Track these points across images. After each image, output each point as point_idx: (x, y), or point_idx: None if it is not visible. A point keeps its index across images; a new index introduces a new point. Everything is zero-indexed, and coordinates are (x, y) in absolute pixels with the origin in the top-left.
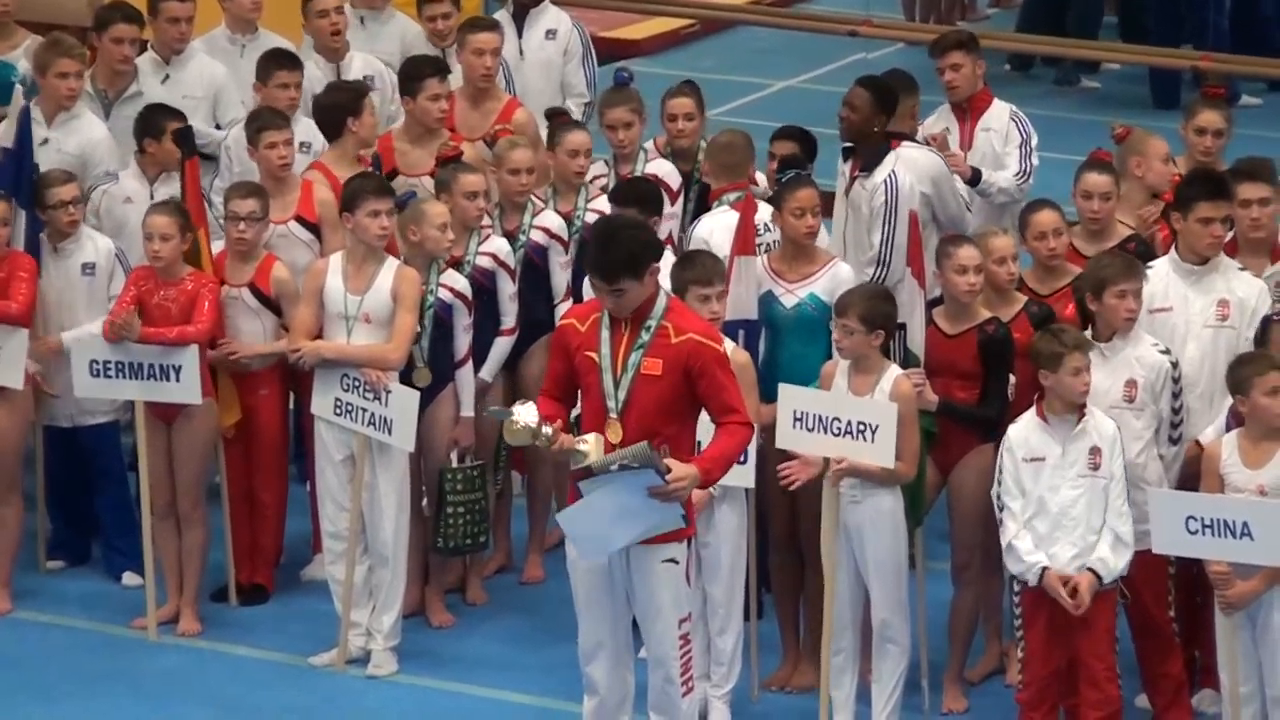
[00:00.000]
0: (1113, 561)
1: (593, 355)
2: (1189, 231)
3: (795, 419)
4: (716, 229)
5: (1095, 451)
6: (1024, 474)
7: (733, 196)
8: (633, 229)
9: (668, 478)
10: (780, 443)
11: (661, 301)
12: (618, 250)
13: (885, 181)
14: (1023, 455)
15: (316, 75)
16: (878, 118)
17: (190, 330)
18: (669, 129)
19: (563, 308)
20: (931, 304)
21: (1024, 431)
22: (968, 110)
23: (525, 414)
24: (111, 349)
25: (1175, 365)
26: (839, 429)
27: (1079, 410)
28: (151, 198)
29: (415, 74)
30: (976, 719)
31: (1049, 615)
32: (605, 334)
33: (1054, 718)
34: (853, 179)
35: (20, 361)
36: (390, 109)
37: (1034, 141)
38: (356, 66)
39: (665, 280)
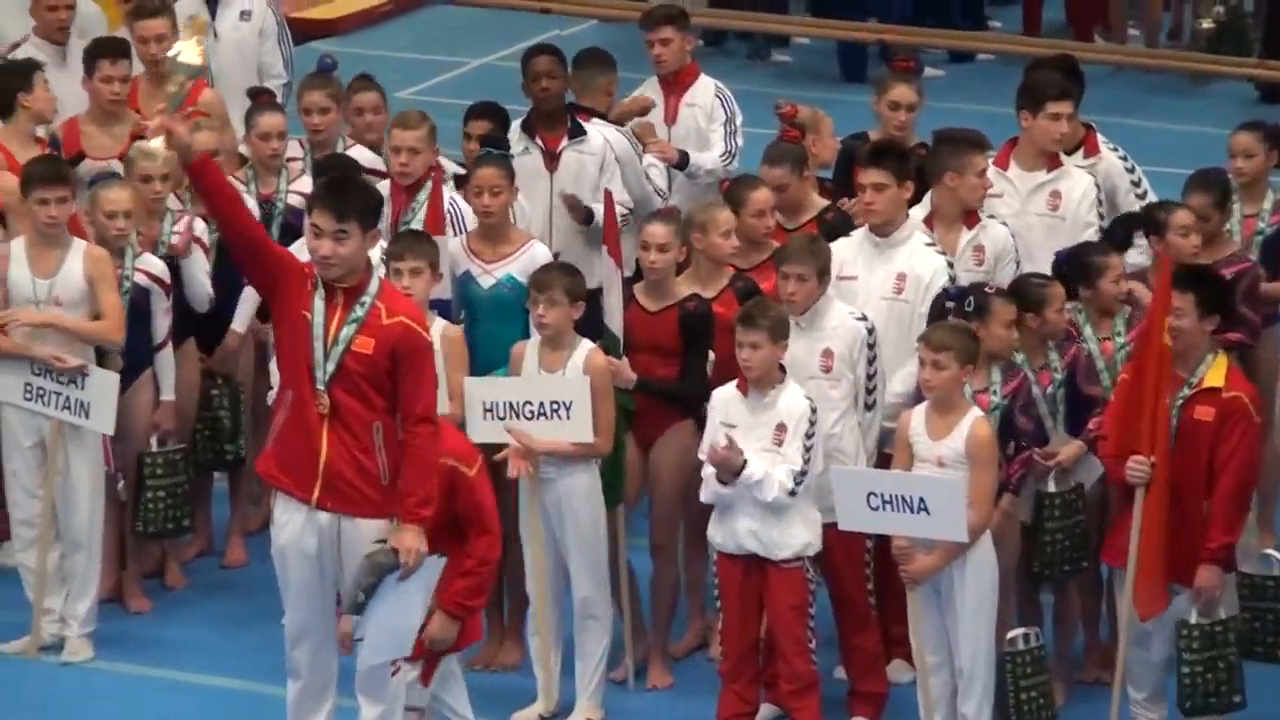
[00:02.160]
0: (761, 478)
1: (307, 314)
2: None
3: (485, 409)
4: None
5: (781, 428)
6: (719, 437)
7: None
8: (372, 187)
9: (400, 560)
10: (474, 437)
11: (375, 282)
12: (354, 191)
13: (609, 139)
14: (720, 418)
15: (42, 59)
16: (569, 83)
17: None
18: (357, 123)
19: (251, 289)
20: (630, 280)
21: (725, 395)
22: (674, 84)
23: (192, 51)
24: None
25: (871, 331)
26: (532, 412)
27: (772, 384)
28: None
29: (89, 55)
30: (681, 693)
31: (740, 588)
32: (319, 303)
33: (754, 689)
34: (558, 150)
35: None
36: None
37: (739, 120)
38: (74, 52)
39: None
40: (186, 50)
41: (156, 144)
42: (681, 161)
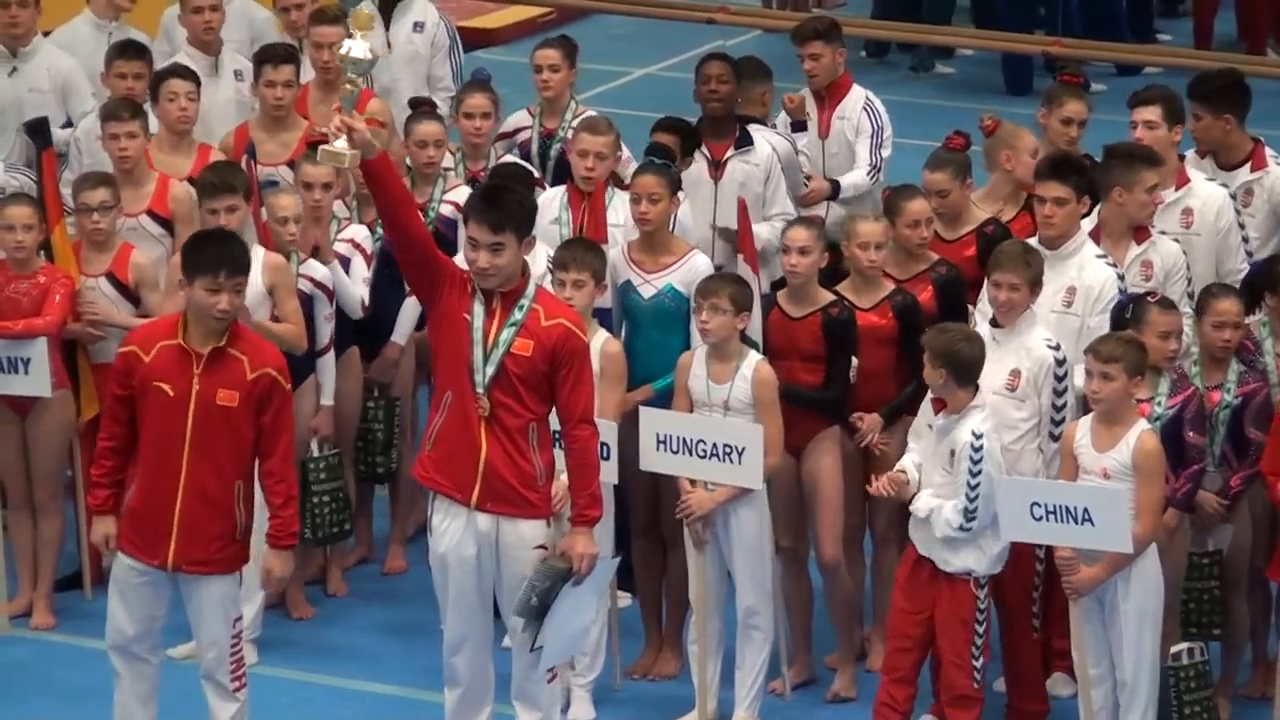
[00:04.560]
0: (928, 514)
1: (468, 317)
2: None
3: (659, 441)
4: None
5: (952, 455)
6: (924, 434)
7: None
8: (523, 191)
9: (573, 564)
10: (644, 465)
11: (531, 287)
12: (509, 202)
13: (774, 147)
14: (924, 419)
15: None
16: (737, 91)
17: (38, 323)
18: (465, 126)
19: (411, 301)
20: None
21: (925, 407)
22: (827, 97)
23: (363, 47)
24: None
25: (1061, 362)
26: (704, 451)
27: (957, 409)
28: None
29: (255, 61)
30: (838, 702)
31: (909, 579)
32: (479, 307)
33: (903, 690)
34: (724, 159)
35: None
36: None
37: (886, 133)
38: (228, 62)
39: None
40: (356, 46)
41: (341, 145)
42: (834, 192)
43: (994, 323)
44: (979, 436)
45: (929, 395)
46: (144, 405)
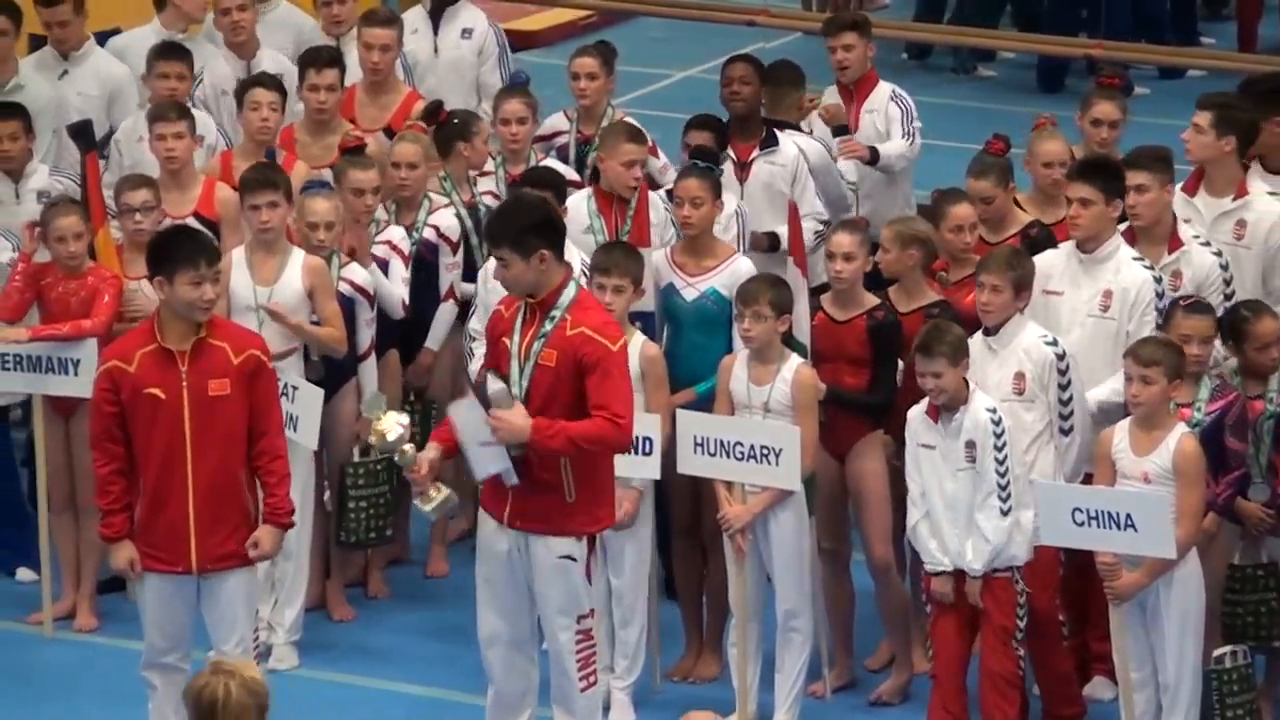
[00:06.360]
0: (970, 559)
1: (506, 341)
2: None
3: (696, 444)
4: None
5: (971, 445)
6: (922, 458)
7: None
8: (533, 205)
9: (493, 414)
10: (681, 468)
11: (569, 292)
12: (509, 219)
13: (803, 150)
14: (918, 441)
15: (227, 72)
16: (761, 91)
17: (86, 324)
18: (504, 133)
19: (445, 307)
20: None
21: (918, 419)
22: (854, 93)
23: (390, 423)
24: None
25: (1062, 357)
26: (741, 453)
27: (960, 404)
28: None
29: (300, 64)
30: (882, 705)
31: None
32: (519, 322)
33: (959, 700)
34: (749, 160)
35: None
36: (296, 106)
37: (915, 113)
38: (266, 64)
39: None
40: (388, 421)
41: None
42: (873, 157)
43: (985, 330)
44: (994, 410)
45: (913, 415)
46: (136, 416)
